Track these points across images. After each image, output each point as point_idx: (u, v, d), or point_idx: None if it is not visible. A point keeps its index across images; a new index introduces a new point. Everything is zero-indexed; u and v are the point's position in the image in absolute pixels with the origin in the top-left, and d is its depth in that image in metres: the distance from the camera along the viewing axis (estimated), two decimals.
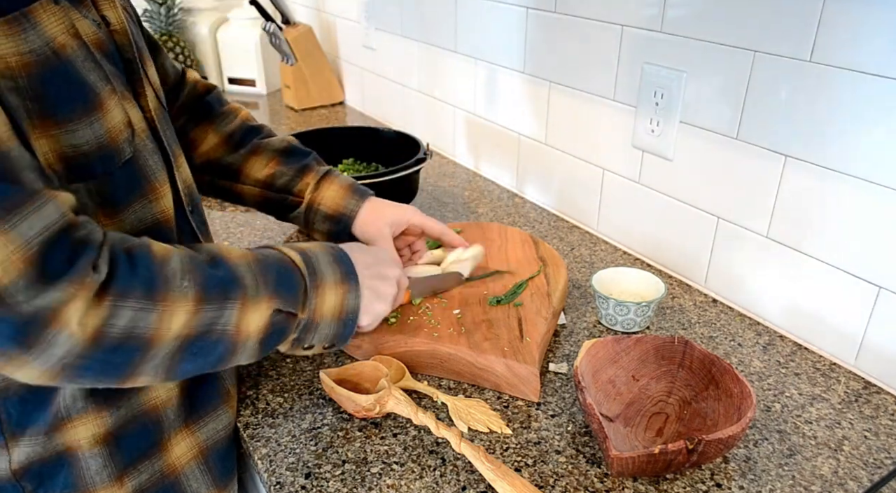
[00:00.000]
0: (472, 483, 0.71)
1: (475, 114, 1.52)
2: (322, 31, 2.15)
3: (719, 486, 0.71)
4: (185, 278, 0.58)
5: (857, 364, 0.89)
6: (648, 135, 1.08)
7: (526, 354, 0.82)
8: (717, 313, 1.02)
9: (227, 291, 0.61)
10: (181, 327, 0.57)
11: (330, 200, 0.92)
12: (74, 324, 0.51)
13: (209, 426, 0.76)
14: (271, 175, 0.93)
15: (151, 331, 0.56)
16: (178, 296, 0.57)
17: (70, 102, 0.57)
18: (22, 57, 0.53)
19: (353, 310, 0.72)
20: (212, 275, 0.61)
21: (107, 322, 0.53)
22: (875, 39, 0.77)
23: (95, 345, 0.53)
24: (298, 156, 0.94)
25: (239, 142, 0.94)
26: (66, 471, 0.66)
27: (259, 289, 0.64)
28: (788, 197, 0.91)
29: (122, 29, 0.66)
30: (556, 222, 1.31)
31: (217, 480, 0.76)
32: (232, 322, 0.61)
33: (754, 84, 0.91)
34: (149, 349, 0.56)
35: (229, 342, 0.62)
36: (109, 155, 0.61)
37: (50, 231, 0.51)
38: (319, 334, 0.70)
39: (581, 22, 1.16)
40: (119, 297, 0.54)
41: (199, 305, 0.59)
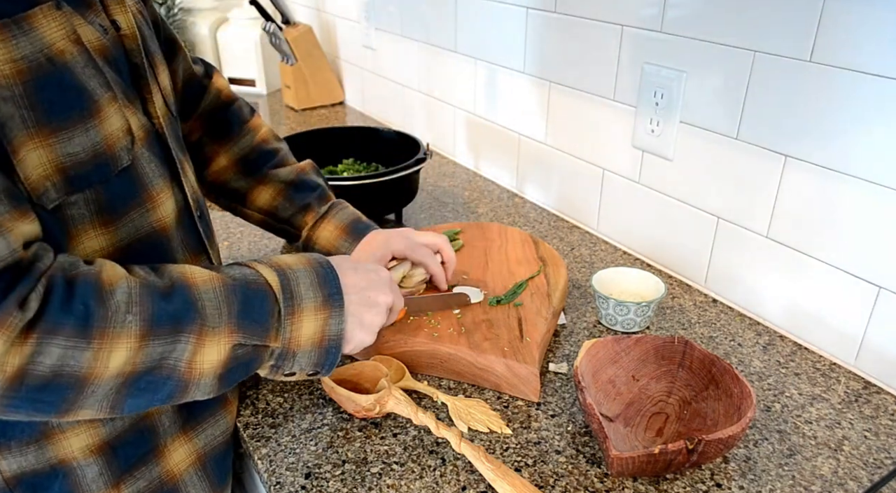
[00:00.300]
0: (472, 483, 0.71)
1: (475, 114, 1.52)
2: (322, 31, 2.15)
3: (719, 486, 0.71)
4: (131, 312, 0.55)
5: (857, 364, 0.89)
6: (648, 135, 1.08)
7: (526, 354, 0.82)
8: (717, 313, 1.02)
9: (180, 324, 0.57)
10: (122, 364, 0.55)
11: (325, 241, 0.92)
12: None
13: (207, 432, 0.76)
14: (275, 207, 0.93)
15: (84, 369, 0.53)
16: (118, 332, 0.54)
17: (65, 108, 0.56)
18: (15, 64, 0.52)
19: (336, 336, 0.67)
20: (162, 308, 0.57)
21: (31, 360, 0.51)
22: (875, 39, 0.77)
23: (19, 383, 0.51)
24: (304, 191, 0.94)
25: (249, 168, 0.93)
26: (62, 481, 0.66)
27: (220, 319, 0.60)
28: (788, 197, 0.91)
29: (133, 34, 0.66)
30: (556, 222, 1.31)
31: (214, 485, 0.76)
32: (184, 358, 0.58)
33: (754, 84, 0.91)
34: (83, 387, 0.54)
35: (179, 379, 0.58)
36: (105, 163, 0.60)
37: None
38: (299, 361, 0.66)
39: (581, 22, 1.16)
40: (46, 333, 0.51)
41: (144, 341, 0.55)
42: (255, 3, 1.84)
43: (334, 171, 1.38)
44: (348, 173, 1.36)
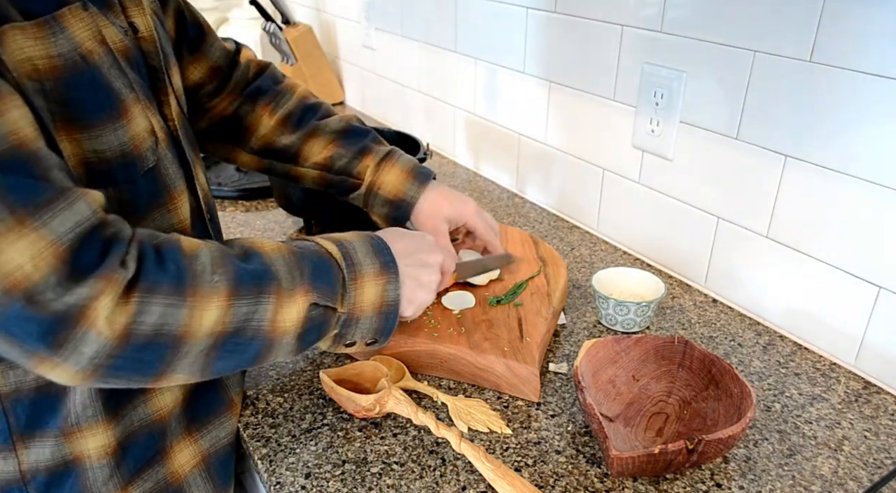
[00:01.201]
0: (472, 483, 0.71)
1: (475, 114, 1.52)
2: (322, 31, 2.15)
3: (719, 486, 0.71)
4: (216, 273, 0.57)
5: (857, 364, 0.89)
6: (648, 135, 1.08)
7: (526, 354, 0.82)
8: (717, 313, 1.02)
9: (261, 285, 0.60)
10: (213, 323, 0.57)
11: (390, 185, 0.90)
12: (102, 322, 0.51)
13: (212, 434, 0.76)
14: (330, 157, 0.91)
15: (182, 328, 0.55)
16: (208, 291, 0.56)
17: (95, 107, 0.57)
18: (51, 60, 0.53)
19: (393, 302, 0.70)
20: (243, 269, 0.60)
21: (135, 319, 0.53)
22: (875, 39, 0.77)
23: (125, 343, 0.53)
24: (358, 136, 0.92)
25: (297, 123, 0.92)
26: (73, 480, 0.66)
27: (294, 282, 0.62)
28: (788, 197, 0.91)
29: (150, 36, 0.66)
30: (556, 222, 1.31)
31: (217, 487, 0.76)
32: (267, 318, 0.60)
33: (754, 84, 0.91)
34: (180, 347, 0.56)
35: (265, 339, 0.61)
36: (132, 163, 0.61)
37: (82, 228, 0.51)
38: (361, 328, 0.69)
39: (581, 22, 1.16)
40: (147, 293, 0.53)
41: (231, 300, 0.58)
42: (255, 3, 1.84)
43: None
44: None
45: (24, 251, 0.48)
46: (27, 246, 0.48)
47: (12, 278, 0.47)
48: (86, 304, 0.50)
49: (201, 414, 0.75)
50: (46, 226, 0.49)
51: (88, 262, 0.50)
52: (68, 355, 0.51)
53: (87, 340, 0.51)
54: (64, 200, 0.50)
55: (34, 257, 0.48)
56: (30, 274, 0.48)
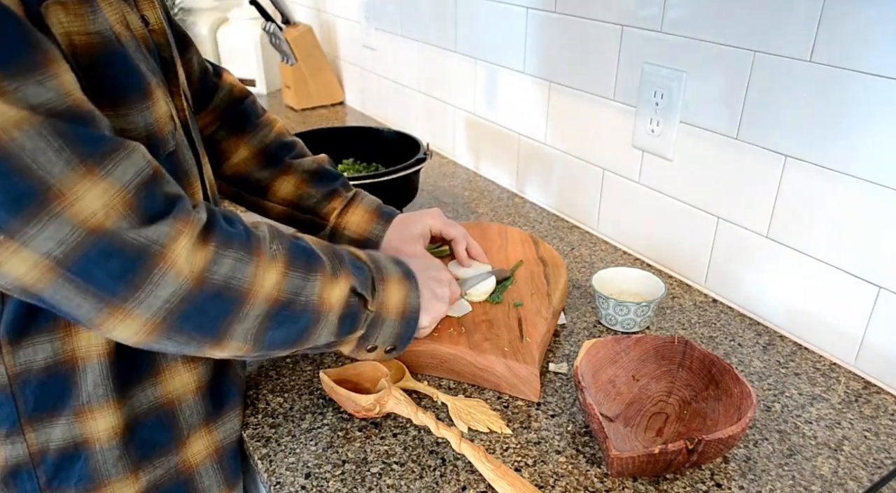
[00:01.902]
0: (472, 483, 0.71)
1: (475, 114, 1.52)
2: (322, 31, 2.15)
3: (719, 486, 0.71)
4: (274, 243, 0.62)
5: (857, 364, 0.89)
6: (648, 135, 1.08)
7: (526, 354, 0.82)
8: (717, 313, 1.02)
9: (310, 262, 0.64)
10: (272, 286, 0.60)
11: (355, 225, 0.93)
12: (182, 261, 0.53)
13: (227, 426, 0.76)
14: (299, 196, 0.93)
15: (247, 284, 0.58)
16: (269, 257, 0.60)
17: (126, 87, 0.58)
18: (88, 37, 0.55)
19: (415, 309, 0.74)
20: (296, 245, 0.64)
21: (210, 266, 0.55)
22: (875, 39, 0.77)
23: (198, 287, 0.54)
24: (328, 180, 0.95)
25: (271, 159, 0.94)
26: (82, 463, 0.66)
27: (336, 268, 0.67)
28: (788, 197, 0.91)
29: (161, 29, 0.68)
30: (556, 222, 1.31)
31: (228, 479, 0.77)
32: (315, 293, 0.64)
33: (754, 84, 0.91)
34: (243, 305, 0.58)
35: (314, 312, 0.64)
36: (155, 144, 0.62)
37: (141, 177, 0.53)
38: (384, 332, 0.72)
39: (581, 22, 1.16)
40: (221, 244, 0.56)
41: (288, 269, 0.61)
42: (255, 3, 1.84)
43: None
44: (348, 173, 1.36)
45: (97, 199, 0.50)
46: (99, 194, 0.50)
47: (90, 223, 0.50)
48: (166, 242, 0.52)
49: (218, 405, 0.75)
50: (111, 175, 0.51)
51: (158, 207, 0.53)
52: (144, 297, 0.52)
53: (165, 280, 0.53)
54: (123, 151, 0.52)
55: (106, 205, 0.50)
56: (103, 221, 0.50)
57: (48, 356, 0.63)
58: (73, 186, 0.49)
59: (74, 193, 0.49)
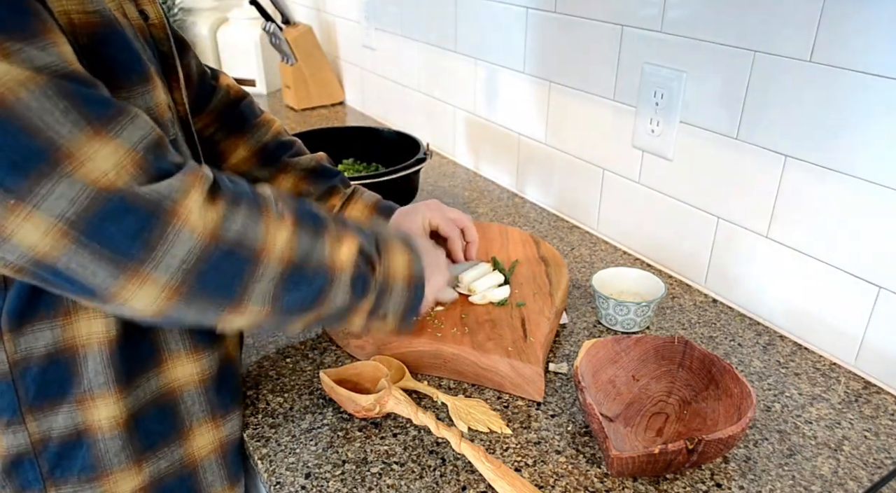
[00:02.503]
0: (472, 483, 0.71)
1: (475, 114, 1.52)
2: (322, 31, 2.15)
3: (719, 486, 0.71)
4: (279, 203, 0.61)
5: (857, 364, 0.89)
6: (648, 135, 1.08)
7: (530, 354, 0.82)
8: (717, 313, 1.02)
9: (317, 223, 0.63)
10: (283, 246, 0.59)
11: (355, 220, 0.93)
12: (195, 216, 0.53)
13: (233, 423, 0.77)
14: (298, 194, 0.94)
15: (260, 242, 0.57)
16: (277, 216, 0.59)
17: (127, 68, 0.59)
18: (87, 16, 0.55)
19: (419, 275, 0.73)
20: (302, 207, 0.64)
21: (223, 222, 0.54)
22: (875, 39, 0.77)
23: (213, 244, 0.54)
24: (326, 177, 0.95)
25: (269, 158, 0.94)
26: (85, 452, 0.66)
27: (340, 229, 0.66)
28: (788, 197, 0.91)
29: (160, 23, 0.68)
30: (556, 222, 1.31)
31: (231, 476, 0.77)
32: (325, 253, 0.63)
33: (754, 84, 0.91)
34: (257, 263, 0.57)
35: (327, 272, 0.63)
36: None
37: (147, 140, 0.53)
38: (394, 299, 0.70)
39: (581, 22, 1.16)
40: (231, 201, 0.56)
41: (296, 229, 0.60)
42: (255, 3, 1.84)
43: None
44: (348, 173, 1.36)
45: (107, 159, 0.50)
46: (109, 154, 0.50)
47: (101, 182, 0.49)
48: (177, 197, 0.52)
49: (225, 401, 0.75)
50: (119, 136, 0.51)
51: (166, 166, 0.53)
52: (161, 257, 0.51)
53: (180, 238, 0.52)
54: (128, 115, 0.52)
55: (116, 165, 0.50)
56: (114, 181, 0.50)
57: (48, 344, 0.63)
58: (82, 146, 0.49)
59: (84, 153, 0.49)
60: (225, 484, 0.76)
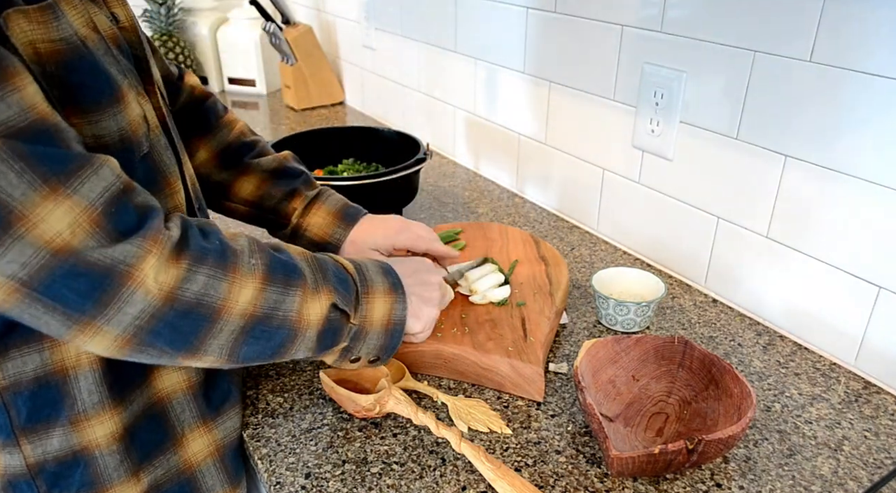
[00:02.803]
0: (472, 483, 0.71)
1: (475, 114, 1.52)
2: (322, 31, 2.15)
3: (719, 486, 0.71)
4: (254, 257, 0.61)
5: (857, 364, 0.89)
6: (648, 135, 1.08)
7: (530, 353, 0.82)
8: (717, 313, 1.02)
9: (290, 277, 0.63)
10: (248, 302, 0.59)
11: (316, 228, 0.91)
12: (150, 280, 0.53)
13: (226, 424, 0.76)
14: (260, 196, 0.92)
15: (221, 301, 0.57)
16: (246, 272, 0.59)
17: (96, 93, 0.58)
18: (52, 44, 0.54)
19: (400, 321, 0.73)
20: (277, 258, 0.63)
21: (181, 284, 0.54)
22: (875, 39, 0.77)
23: (169, 306, 0.54)
24: (288, 178, 0.92)
25: (231, 160, 0.92)
26: (83, 469, 0.66)
27: (318, 282, 0.65)
28: (788, 197, 0.91)
29: (132, 26, 0.67)
30: (556, 222, 1.31)
31: (231, 478, 0.77)
32: (294, 308, 0.63)
33: (754, 84, 0.91)
34: (216, 321, 0.57)
35: (290, 329, 0.63)
36: (129, 148, 0.62)
37: (110, 192, 0.52)
38: (368, 344, 0.71)
39: (581, 22, 1.16)
40: (194, 260, 0.55)
41: (265, 284, 0.60)
42: (255, 3, 1.84)
43: (334, 171, 1.38)
44: (348, 173, 1.36)
45: (61, 219, 0.49)
46: (64, 214, 0.49)
47: (54, 244, 0.49)
48: (133, 262, 0.52)
49: (215, 404, 0.75)
50: (77, 193, 0.50)
51: (127, 223, 0.52)
52: (113, 314, 0.52)
53: (133, 299, 0.52)
54: (90, 167, 0.52)
55: (71, 225, 0.50)
56: (69, 240, 0.49)
57: (37, 367, 0.62)
58: (35, 207, 0.48)
59: (37, 214, 0.48)
60: (226, 487, 0.76)
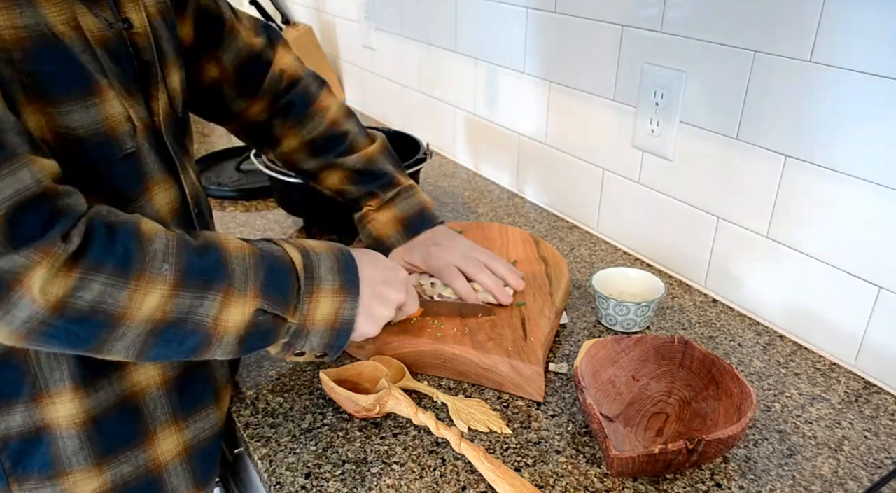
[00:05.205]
0: (472, 483, 0.71)
1: (475, 114, 1.52)
2: (322, 31, 2.15)
3: (719, 486, 0.71)
4: (167, 261, 0.58)
5: (857, 364, 0.89)
6: (648, 135, 1.08)
7: (530, 353, 0.82)
8: (717, 313, 1.02)
9: (210, 281, 0.60)
10: (153, 309, 0.57)
11: (379, 225, 0.95)
12: (36, 291, 0.52)
13: (197, 425, 0.76)
14: (342, 190, 0.97)
15: (120, 308, 0.56)
16: (154, 277, 0.57)
17: (64, 83, 0.58)
18: (16, 31, 0.54)
19: (348, 320, 0.70)
20: (196, 263, 0.60)
21: (73, 293, 0.53)
22: (875, 39, 0.77)
23: (59, 314, 0.53)
24: (370, 179, 0.95)
25: (318, 151, 0.95)
26: (44, 449, 0.66)
27: (246, 284, 0.63)
28: (788, 197, 0.91)
29: (144, 32, 0.67)
30: (556, 222, 1.31)
31: (197, 480, 0.76)
32: (210, 314, 0.61)
33: (754, 84, 0.91)
34: (117, 327, 0.56)
35: (204, 334, 0.61)
36: (107, 143, 0.61)
37: (21, 196, 0.51)
38: (310, 341, 0.69)
39: (581, 22, 1.16)
40: (89, 269, 0.54)
41: (176, 290, 0.58)
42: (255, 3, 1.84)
43: None
44: None
45: None
46: None
47: None
48: (20, 272, 0.51)
49: (188, 403, 0.75)
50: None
51: (28, 231, 0.51)
52: (2, 315, 0.52)
53: (20, 305, 0.52)
54: (7, 167, 0.51)
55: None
56: None
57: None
58: None
59: None
60: (190, 488, 0.76)
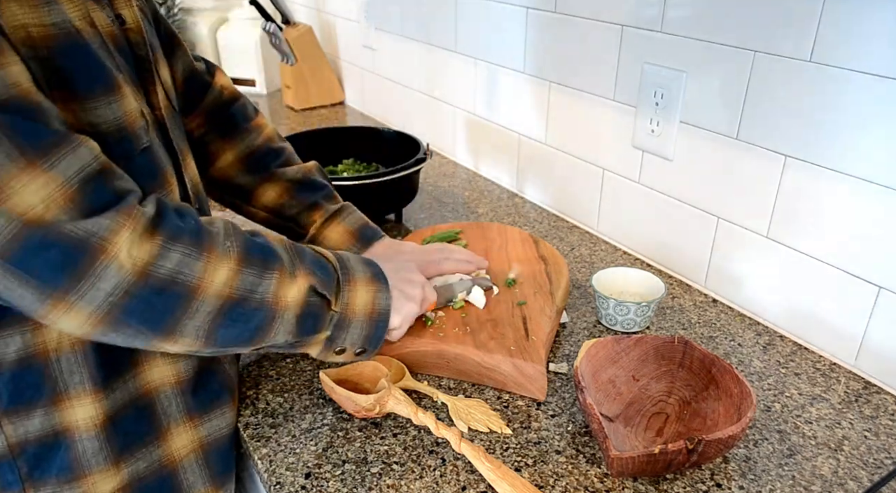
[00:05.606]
0: (472, 483, 0.71)
1: (475, 114, 1.52)
2: (322, 31, 2.15)
3: (719, 486, 0.71)
4: (229, 239, 0.61)
5: (857, 364, 0.89)
6: (648, 135, 1.08)
7: (532, 352, 0.82)
8: (717, 313, 1.02)
9: (267, 260, 0.64)
10: (223, 284, 0.59)
11: (333, 242, 0.92)
12: (124, 254, 0.53)
13: (213, 423, 0.76)
14: (281, 205, 0.93)
15: (196, 280, 0.57)
16: (221, 253, 0.60)
17: (90, 79, 0.59)
18: (45, 28, 0.55)
19: (384, 310, 0.73)
20: (253, 242, 0.64)
21: (155, 260, 0.55)
22: (875, 39, 0.77)
23: (142, 281, 0.54)
24: (311, 190, 0.94)
25: (255, 165, 0.93)
26: (63, 453, 0.66)
27: (295, 266, 0.66)
28: (788, 197, 0.91)
29: (137, 27, 0.67)
30: (556, 222, 1.31)
31: (214, 478, 0.76)
32: (271, 291, 0.63)
33: (754, 84, 0.91)
34: (192, 300, 0.58)
35: (268, 311, 0.63)
36: (128, 138, 0.62)
37: (86, 172, 0.53)
38: (352, 333, 0.71)
39: (581, 22, 1.16)
40: (168, 238, 0.56)
41: (241, 266, 0.61)
42: (255, 3, 1.84)
43: (334, 171, 1.38)
44: (348, 173, 1.36)
45: (36, 193, 0.50)
46: (39, 188, 0.50)
47: (28, 216, 0.50)
48: (106, 235, 0.52)
49: (203, 400, 0.75)
50: (54, 168, 0.51)
51: (105, 198, 0.53)
52: (86, 289, 0.53)
53: (106, 273, 0.53)
54: (68, 145, 0.53)
55: (45, 199, 0.51)
56: (42, 214, 0.50)
57: (19, 349, 0.63)
58: (10, 179, 0.50)
59: (12, 186, 0.50)
60: (208, 486, 0.76)
